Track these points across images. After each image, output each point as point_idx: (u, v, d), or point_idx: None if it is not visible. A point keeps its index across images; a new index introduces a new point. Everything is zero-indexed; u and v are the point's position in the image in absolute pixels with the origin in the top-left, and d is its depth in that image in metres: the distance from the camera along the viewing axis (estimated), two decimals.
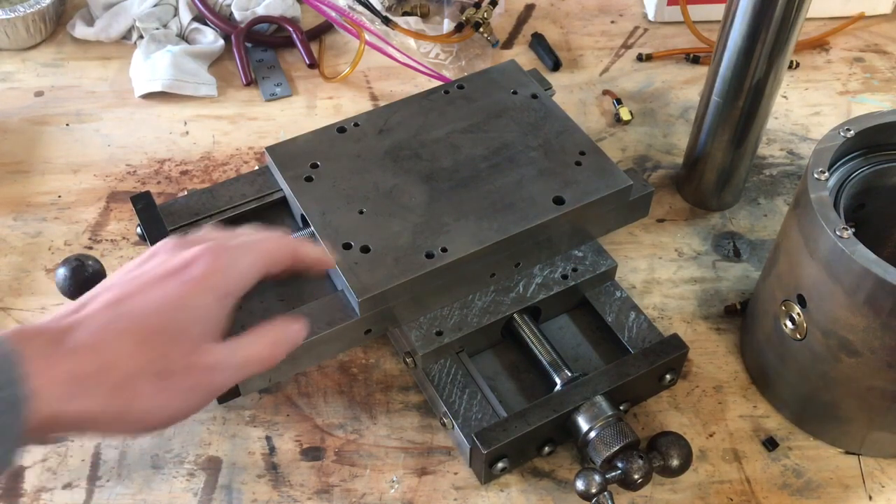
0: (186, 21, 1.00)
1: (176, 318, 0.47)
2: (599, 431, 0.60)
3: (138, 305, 0.47)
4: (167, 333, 0.46)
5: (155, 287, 0.48)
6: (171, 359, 0.46)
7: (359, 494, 0.63)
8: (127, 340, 0.45)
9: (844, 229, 0.55)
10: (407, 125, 0.74)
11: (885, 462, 0.66)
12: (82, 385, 0.43)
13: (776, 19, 0.67)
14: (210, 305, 0.49)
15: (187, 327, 0.47)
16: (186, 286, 0.48)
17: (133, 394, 0.45)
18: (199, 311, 0.48)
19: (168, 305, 0.47)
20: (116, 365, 0.45)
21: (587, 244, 0.72)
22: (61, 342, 0.44)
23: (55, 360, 0.43)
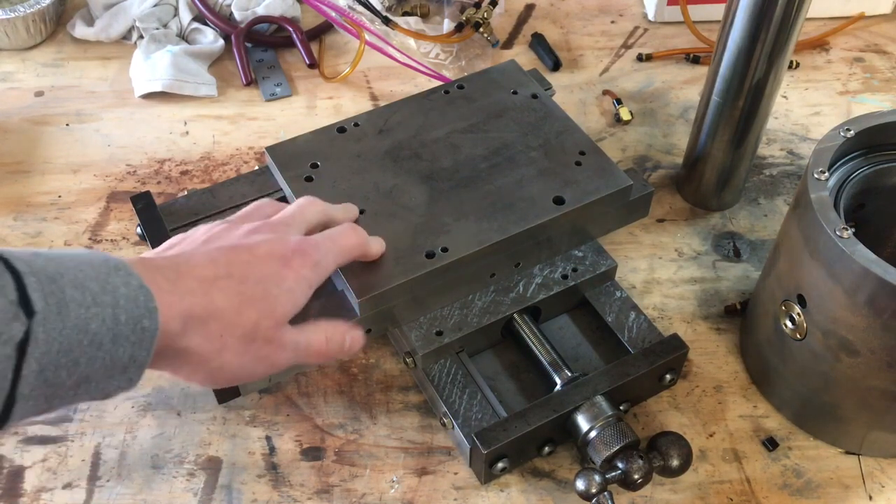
0: (186, 21, 1.00)
1: (272, 295, 0.52)
2: (599, 431, 0.60)
3: (246, 272, 0.51)
4: (263, 305, 0.51)
5: (262, 262, 0.53)
6: (259, 328, 0.51)
7: (359, 494, 0.63)
8: (232, 298, 0.50)
9: (844, 229, 0.55)
10: (407, 125, 0.74)
11: (885, 462, 0.66)
12: (190, 326, 0.48)
13: (776, 19, 0.67)
14: (299, 293, 0.54)
15: (277, 306, 0.52)
16: (286, 271, 0.53)
17: (223, 345, 0.50)
18: (289, 295, 0.53)
19: (269, 282, 0.52)
20: (219, 316, 0.49)
21: (587, 244, 0.72)
22: (179, 281, 0.48)
23: (175, 299, 0.47)
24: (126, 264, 0.45)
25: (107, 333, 0.42)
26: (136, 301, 0.44)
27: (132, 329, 0.44)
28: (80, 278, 0.43)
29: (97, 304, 0.42)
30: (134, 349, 0.44)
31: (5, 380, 0.39)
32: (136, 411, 0.68)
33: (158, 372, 0.70)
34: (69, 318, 0.41)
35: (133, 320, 0.43)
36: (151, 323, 0.44)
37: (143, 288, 0.45)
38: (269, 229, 0.56)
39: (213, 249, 0.53)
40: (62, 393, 0.43)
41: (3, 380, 0.39)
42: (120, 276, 0.44)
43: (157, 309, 0.45)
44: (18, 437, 0.67)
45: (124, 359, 0.44)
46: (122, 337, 0.43)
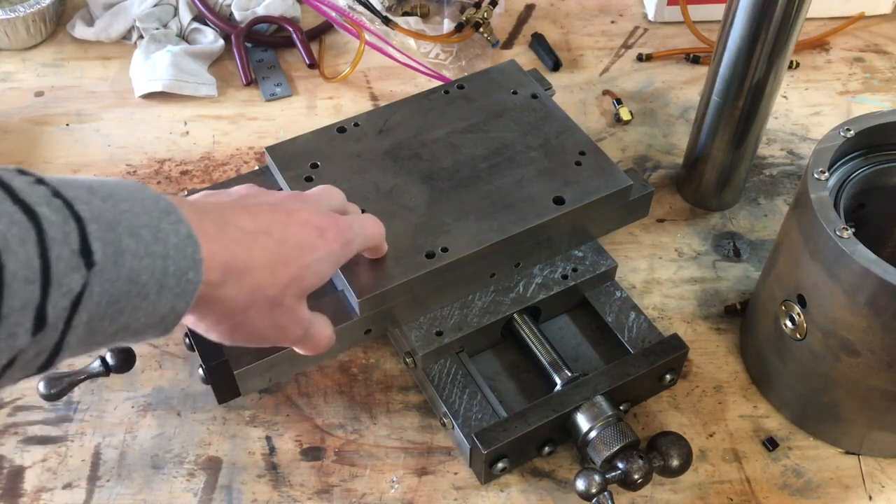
0: (186, 21, 1.00)
1: (304, 263, 0.51)
2: (599, 431, 0.60)
3: (284, 233, 0.51)
4: (295, 270, 0.51)
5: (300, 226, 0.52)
6: (286, 293, 0.51)
7: (359, 494, 0.63)
8: (269, 256, 0.49)
9: (844, 229, 0.55)
10: (407, 125, 0.74)
11: (885, 462, 0.66)
12: (228, 278, 0.47)
13: (776, 19, 0.67)
14: (326, 266, 0.54)
15: (306, 275, 0.52)
16: (320, 241, 0.53)
17: (252, 302, 0.49)
18: (318, 265, 0.53)
19: (304, 249, 0.52)
20: (256, 271, 0.48)
21: (587, 244, 0.72)
22: (224, 228, 0.47)
23: (219, 248, 0.46)
24: (176, 208, 0.44)
25: (154, 285, 0.42)
26: (185, 252, 0.43)
27: (177, 281, 0.43)
28: (136, 225, 0.41)
29: (149, 255, 0.41)
30: (175, 300, 0.43)
31: (56, 331, 0.38)
32: (136, 411, 0.68)
33: (158, 372, 0.70)
34: (123, 268, 0.40)
35: (180, 272, 0.43)
36: (196, 275, 0.44)
37: (192, 237, 0.44)
38: (302, 200, 0.56)
39: (254, 205, 0.52)
40: (100, 339, 0.42)
41: (54, 331, 0.38)
42: (171, 223, 0.43)
43: (202, 260, 0.44)
44: (18, 437, 0.67)
45: (165, 309, 0.43)
46: (167, 288, 0.42)
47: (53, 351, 0.39)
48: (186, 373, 0.70)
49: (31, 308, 0.37)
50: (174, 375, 0.70)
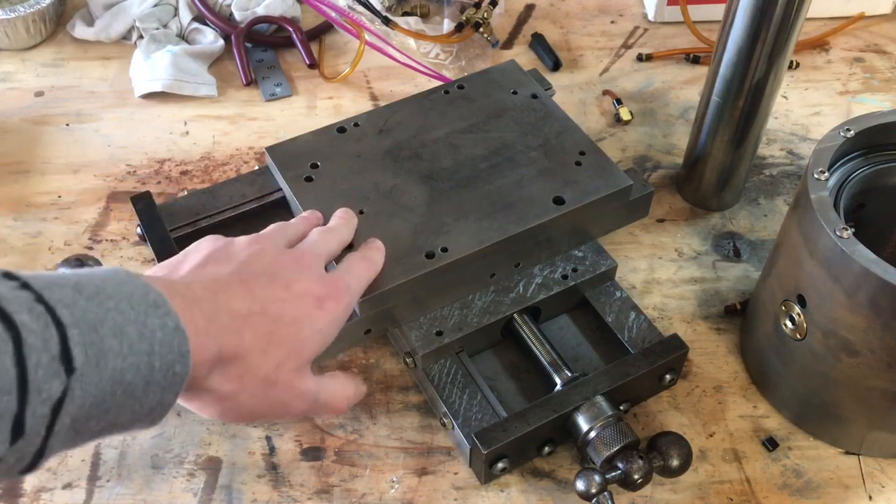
0: (186, 21, 1.00)
1: (302, 336, 0.51)
2: (599, 431, 0.60)
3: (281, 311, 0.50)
4: (291, 346, 0.50)
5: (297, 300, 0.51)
6: (281, 369, 0.50)
7: (359, 494, 0.63)
8: (261, 338, 0.48)
9: (844, 229, 0.55)
10: (407, 125, 0.74)
11: (885, 462, 0.66)
12: (216, 367, 0.46)
13: (776, 19, 0.67)
14: (328, 334, 0.53)
15: (304, 349, 0.51)
16: (319, 312, 0.52)
17: (242, 387, 0.48)
18: (319, 336, 0.52)
19: (302, 324, 0.51)
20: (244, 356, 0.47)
21: (587, 244, 0.72)
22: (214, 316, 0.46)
23: (208, 340, 0.45)
24: (165, 300, 0.43)
25: (140, 382, 0.41)
26: (171, 346, 0.42)
27: (164, 375, 0.42)
28: (120, 323, 0.41)
29: (134, 353, 0.41)
30: (163, 394, 0.42)
31: (38, 436, 0.38)
32: None
33: None
34: (106, 370, 0.40)
35: (166, 366, 0.42)
36: (183, 368, 0.43)
37: (179, 330, 0.43)
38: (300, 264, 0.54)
39: (251, 277, 0.51)
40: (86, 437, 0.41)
41: (35, 436, 0.38)
42: (158, 316, 0.42)
43: (189, 353, 0.43)
44: None
45: (152, 403, 0.42)
46: (154, 383, 0.42)
47: (36, 455, 0.39)
48: None
49: (9, 418, 0.36)
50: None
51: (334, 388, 0.56)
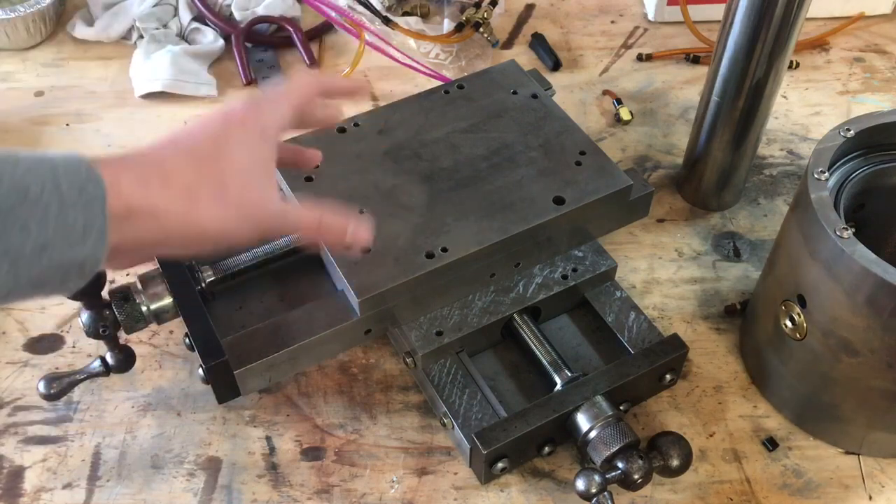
0: (186, 21, 1.00)
1: (224, 149, 0.52)
2: (599, 431, 0.60)
3: (190, 140, 0.52)
4: (218, 160, 0.51)
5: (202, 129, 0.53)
6: (227, 183, 0.51)
7: (359, 494, 0.63)
8: (184, 160, 0.51)
9: (844, 229, 0.55)
10: (407, 125, 0.74)
11: (885, 462, 0.66)
12: (150, 184, 0.48)
13: (776, 19, 0.67)
14: (252, 141, 0.53)
15: (236, 158, 0.52)
16: (229, 125, 0.53)
17: (196, 196, 0.50)
18: (244, 145, 0.53)
19: (216, 139, 0.52)
20: (178, 174, 0.50)
21: (587, 244, 0.72)
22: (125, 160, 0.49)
23: (122, 169, 0.48)
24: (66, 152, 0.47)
25: (51, 197, 0.43)
26: (77, 168, 0.45)
27: (78, 193, 0.44)
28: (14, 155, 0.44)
29: (31, 172, 0.43)
30: (86, 213, 0.45)
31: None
32: (136, 411, 0.68)
33: (158, 372, 0.70)
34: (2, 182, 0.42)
35: (77, 184, 0.44)
36: (96, 186, 0.45)
37: (82, 157, 0.46)
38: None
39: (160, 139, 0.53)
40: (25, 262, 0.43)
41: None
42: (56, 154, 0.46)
43: (98, 172, 0.45)
44: (18, 437, 0.67)
45: (79, 225, 0.44)
46: (69, 202, 0.44)
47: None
48: (186, 373, 0.70)
49: None
50: (174, 375, 0.70)
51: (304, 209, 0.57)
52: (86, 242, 0.45)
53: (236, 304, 0.68)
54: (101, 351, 0.65)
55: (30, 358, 0.71)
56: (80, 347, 0.72)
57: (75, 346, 0.72)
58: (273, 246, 0.68)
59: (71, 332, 0.73)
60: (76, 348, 0.72)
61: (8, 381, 0.70)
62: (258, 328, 0.64)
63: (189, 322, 0.62)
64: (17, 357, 0.72)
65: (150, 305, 0.63)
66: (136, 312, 0.63)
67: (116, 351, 0.64)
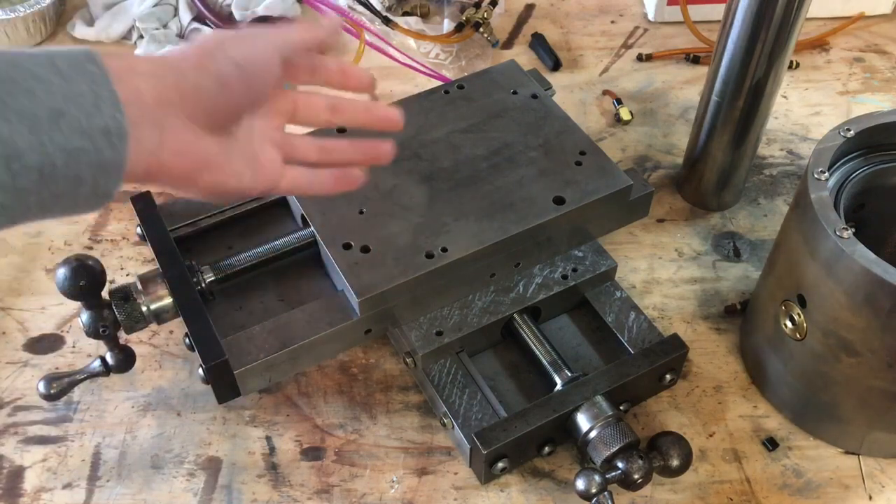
0: (186, 21, 1.00)
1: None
2: (599, 431, 0.60)
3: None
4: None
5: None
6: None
7: (359, 494, 0.63)
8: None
9: (844, 229, 0.55)
10: (407, 125, 0.73)
11: (885, 462, 0.66)
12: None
13: (776, 19, 0.67)
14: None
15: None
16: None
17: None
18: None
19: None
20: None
21: (587, 244, 0.72)
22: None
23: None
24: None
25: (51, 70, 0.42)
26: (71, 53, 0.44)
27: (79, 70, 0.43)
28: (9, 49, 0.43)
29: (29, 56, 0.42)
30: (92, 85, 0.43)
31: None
32: (136, 411, 0.68)
33: (158, 372, 0.70)
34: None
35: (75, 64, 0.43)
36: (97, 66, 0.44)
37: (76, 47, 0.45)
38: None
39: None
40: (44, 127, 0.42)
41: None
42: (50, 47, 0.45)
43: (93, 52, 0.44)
44: (18, 437, 0.67)
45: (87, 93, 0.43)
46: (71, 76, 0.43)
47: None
48: (186, 373, 0.70)
49: None
50: (174, 375, 0.70)
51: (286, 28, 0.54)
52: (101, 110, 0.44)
53: (236, 304, 0.68)
54: (101, 351, 0.65)
55: (30, 358, 0.71)
56: (80, 347, 0.72)
57: (75, 346, 0.72)
58: (273, 246, 0.68)
59: (71, 332, 0.73)
60: (76, 348, 0.72)
61: (8, 381, 0.70)
62: (258, 328, 0.64)
63: (189, 322, 0.62)
64: (17, 357, 0.72)
65: (150, 305, 0.63)
66: (136, 312, 0.63)
67: (116, 351, 0.64)
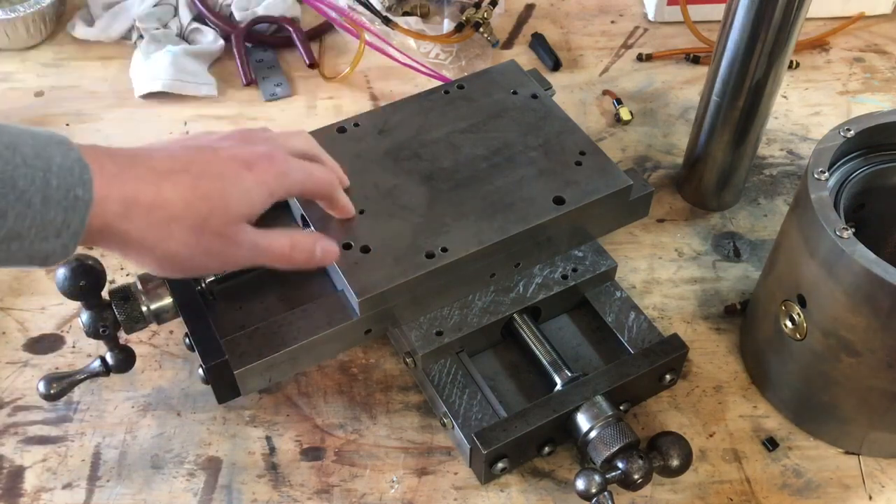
0: (186, 21, 1.00)
1: (227, 193, 0.53)
2: (599, 431, 0.60)
3: (204, 169, 0.53)
4: (215, 201, 0.52)
5: (223, 162, 0.54)
6: (210, 222, 0.52)
7: (359, 494, 0.63)
8: (183, 192, 0.51)
9: (844, 229, 0.55)
10: (407, 125, 0.74)
11: (885, 462, 0.66)
12: (133, 211, 0.49)
13: (776, 19, 0.67)
14: (255, 196, 0.55)
15: (232, 204, 0.53)
16: (246, 173, 0.54)
17: (168, 235, 0.51)
18: (246, 195, 0.54)
19: (227, 181, 0.53)
20: (166, 206, 0.50)
21: (587, 244, 0.72)
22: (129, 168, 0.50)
23: (117, 182, 0.48)
24: (68, 140, 0.47)
25: (36, 193, 0.44)
26: (71, 171, 0.45)
27: (64, 195, 0.45)
28: (16, 143, 0.44)
29: (27, 166, 0.44)
30: (67, 215, 0.45)
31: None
32: (136, 411, 0.68)
33: (158, 372, 0.70)
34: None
35: (65, 187, 0.45)
36: (85, 193, 0.46)
37: (81, 162, 0.46)
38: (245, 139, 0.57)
39: (179, 147, 0.54)
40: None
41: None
42: (59, 149, 0.46)
43: (91, 181, 0.46)
44: (18, 437, 0.67)
45: (56, 222, 0.45)
46: (54, 201, 0.45)
47: None
48: (186, 373, 0.70)
49: None
50: (174, 375, 0.70)
51: (275, 237, 0.57)
52: (59, 238, 0.46)
53: (236, 304, 0.68)
54: (101, 351, 0.65)
55: (30, 358, 0.71)
56: (80, 347, 0.72)
57: (75, 346, 0.72)
58: None
59: (71, 332, 0.73)
60: (76, 348, 0.72)
61: (8, 381, 0.70)
62: (258, 328, 0.64)
63: (189, 322, 0.62)
64: (17, 357, 0.72)
65: (150, 305, 0.63)
66: (136, 312, 0.63)
67: (116, 351, 0.64)
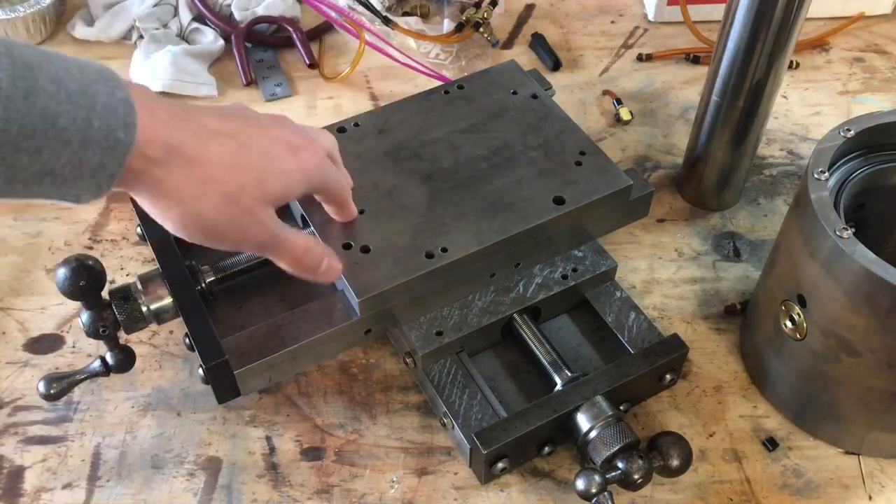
0: (186, 21, 1.00)
1: (267, 170, 0.52)
2: (599, 431, 0.60)
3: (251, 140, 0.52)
4: (254, 173, 0.52)
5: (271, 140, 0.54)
6: (244, 194, 0.51)
7: (359, 494, 0.63)
8: (227, 155, 0.50)
9: (844, 229, 0.55)
10: (407, 125, 0.74)
11: (885, 462, 0.66)
12: (174, 160, 0.48)
13: (776, 19, 0.67)
14: (294, 181, 0.55)
15: (270, 182, 0.53)
16: (290, 156, 0.54)
17: (203, 194, 0.50)
18: (285, 178, 0.54)
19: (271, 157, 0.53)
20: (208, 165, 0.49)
21: (587, 244, 0.72)
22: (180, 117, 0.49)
23: (165, 128, 0.47)
24: (118, 78, 0.46)
25: (76, 133, 0.43)
26: (115, 112, 0.44)
27: (105, 136, 0.44)
28: (62, 76, 0.43)
29: (70, 103, 0.42)
30: (104, 157, 0.44)
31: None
32: (136, 411, 0.68)
33: (158, 372, 0.70)
34: (36, 106, 0.41)
35: (107, 128, 0.44)
36: (126, 136, 0.44)
37: (128, 102, 0.45)
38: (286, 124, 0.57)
39: (231, 113, 0.54)
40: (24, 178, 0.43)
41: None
42: (106, 86, 0.45)
43: (135, 125, 0.45)
44: (18, 437, 0.67)
45: (93, 163, 0.44)
46: (93, 141, 0.43)
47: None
48: (186, 373, 0.70)
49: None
50: (174, 375, 0.70)
51: (294, 234, 0.57)
52: (93, 179, 0.45)
53: (236, 304, 0.68)
54: (101, 351, 0.65)
55: (30, 358, 0.71)
56: (80, 347, 0.72)
57: (75, 346, 0.72)
58: None
59: (71, 332, 0.73)
60: (76, 348, 0.72)
61: (8, 381, 0.70)
62: (258, 328, 0.64)
63: (189, 322, 0.62)
64: (17, 357, 0.72)
65: (150, 305, 0.63)
66: (136, 312, 0.63)
67: (116, 351, 0.64)
